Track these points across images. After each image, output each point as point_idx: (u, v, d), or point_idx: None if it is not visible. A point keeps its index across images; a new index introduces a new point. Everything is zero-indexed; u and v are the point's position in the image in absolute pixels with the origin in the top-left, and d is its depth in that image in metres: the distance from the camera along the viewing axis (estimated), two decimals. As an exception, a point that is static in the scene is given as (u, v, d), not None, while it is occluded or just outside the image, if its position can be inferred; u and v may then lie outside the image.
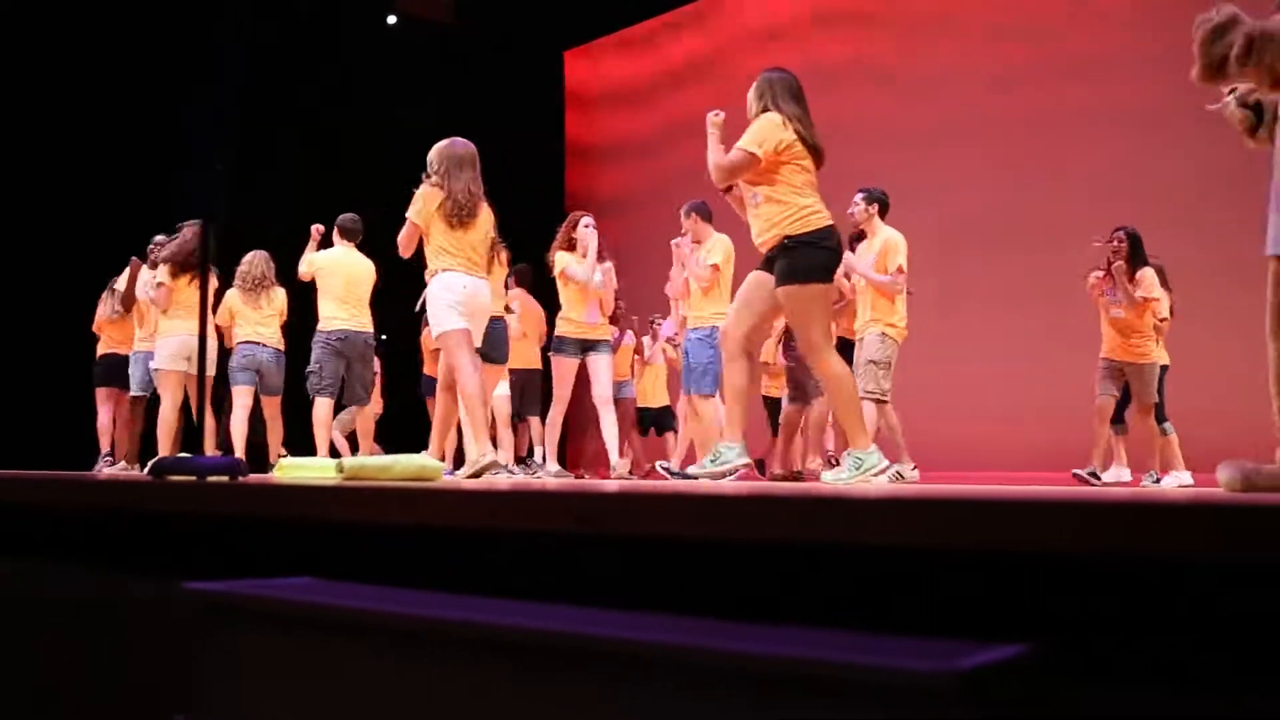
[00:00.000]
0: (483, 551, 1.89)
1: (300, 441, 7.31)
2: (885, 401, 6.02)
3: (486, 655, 1.38)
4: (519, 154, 10.91)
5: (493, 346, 6.11)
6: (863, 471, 4.12)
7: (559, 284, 6.69)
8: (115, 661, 2.46)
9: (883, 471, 4.16)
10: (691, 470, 4.49)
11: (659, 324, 9.25)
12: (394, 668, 1.49)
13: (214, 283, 7.26)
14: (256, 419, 7.26)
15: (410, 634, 1.47)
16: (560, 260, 6.61)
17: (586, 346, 6.67)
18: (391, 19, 11.89)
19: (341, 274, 6.92)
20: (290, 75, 10.63)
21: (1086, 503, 1.34)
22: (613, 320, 7.07)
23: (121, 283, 7.84)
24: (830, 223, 4.19)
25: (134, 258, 7.68)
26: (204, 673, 1.75)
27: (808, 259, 4.09)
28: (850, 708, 1.07)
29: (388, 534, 2.05)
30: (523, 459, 8.22)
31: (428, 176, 5.14)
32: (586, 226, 6.59)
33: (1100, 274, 6.77)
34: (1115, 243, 6.59)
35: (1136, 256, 6.56)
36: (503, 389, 7.20)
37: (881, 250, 6.11)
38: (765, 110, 4.27)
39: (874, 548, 1.41)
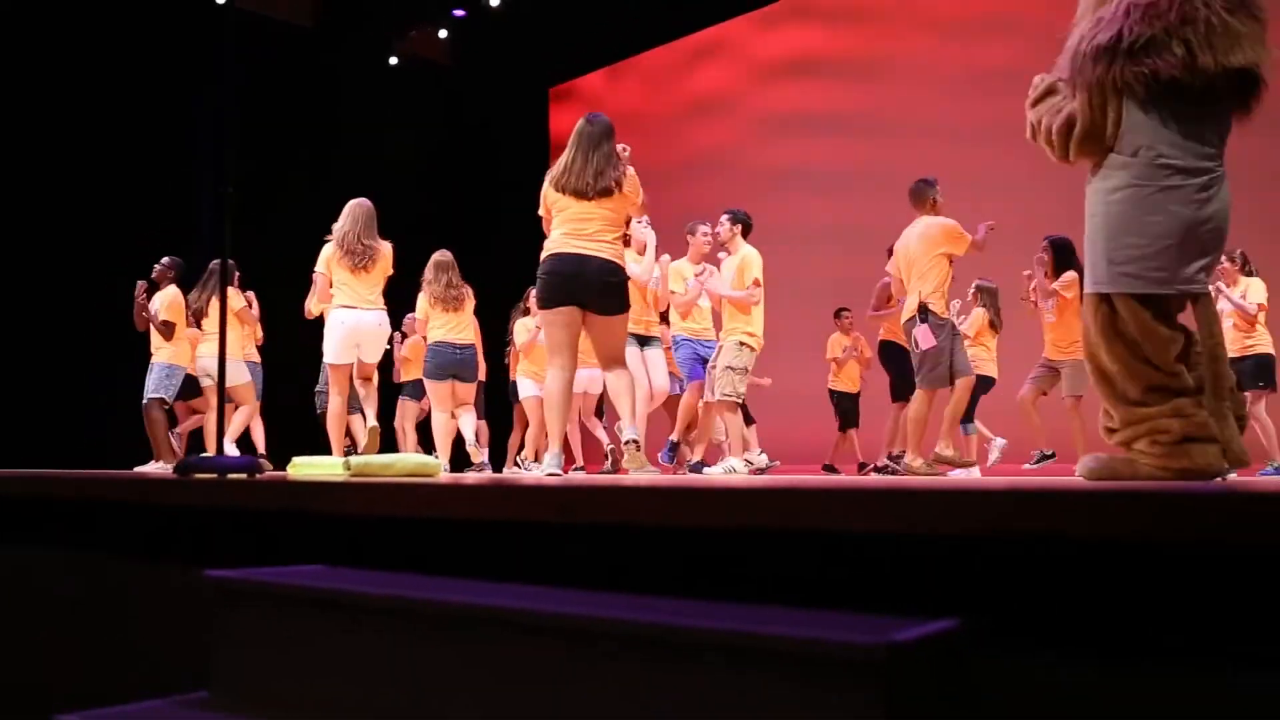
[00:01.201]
0: (476, 539, 1.92)
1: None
2: (740, 404, 6.22)
3: (480, 632, 1.41)
4: (507, 187, 10.85)
5: (464, 368, 6.85)
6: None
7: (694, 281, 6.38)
8: (145, 642, 2.48)
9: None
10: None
11: None
12: (397, 645, 1.52)
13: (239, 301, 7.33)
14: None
15: (412, 614, 1.51)
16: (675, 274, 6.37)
17: (643, 341, 6.32)
18: (393, 59, 11.87)
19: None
20: (291, 110, 10.55)
21: (1006, 491, 1.38)
22: (663, 319, 6.72)
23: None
24: (550, 252, 4.37)
25: (140, 281, 7.62)
26: (223, 652, 1.77)
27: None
28: (791, 678, 1.11)
29: (391, 525, 2.08)
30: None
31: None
32: (640, 223, 6.01)
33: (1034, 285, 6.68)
34: (1042, 254, 6.45)
35: (1062, 262, 6.34)
36: (467, 419, 7.02)
37: (739, 266, 6.17)
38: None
39: (814, 531, 1.45)
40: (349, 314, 5.84)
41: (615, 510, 1.67)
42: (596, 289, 4.29)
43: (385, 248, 5.99)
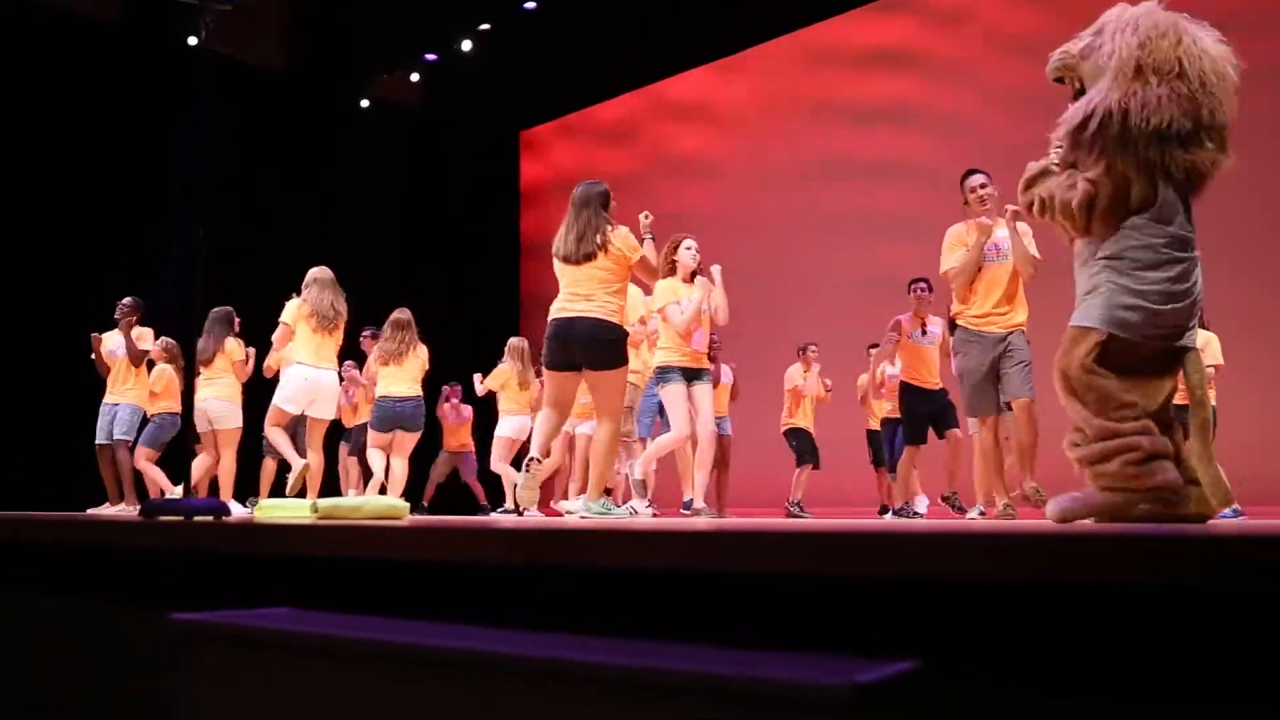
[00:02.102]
0: (443, 581, 1.90)
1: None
2: (628, 441, 6.12)
3: (447, 674, 1.39)
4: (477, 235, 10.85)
5: (407, 420, 7.12)
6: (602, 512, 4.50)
7: (658, 317, 5.73)
8: (106, 685, 2.42)
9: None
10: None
11: None
12: (364, 687, 1.49)
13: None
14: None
15: (379, 657, 1.48)
16: (661, 294, 5.60)
17: (691, 376, 5.65)
18: (365, 102, 11.87)
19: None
20: (261, 153, 10.48)
21: (963, 535, 1.39)
22: (710, 357, 6.23)
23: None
24: (550, 316, 4.56)
25: (95, 335, 7.60)
26: (186, 695, 1.73)
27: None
28: (757, 718, 1.11)
29: (358, 567, 2.05)
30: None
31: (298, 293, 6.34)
32: (689, 249, 5.66)
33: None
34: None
35: None
36: (399, 464, 7.21)
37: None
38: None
39: (778, 575, 1.45)
40: (310, 371, 6.26)
41: (577, 553, 1.66)
42: (585, 347, 4.44)
43: (345, 313, 6.50)
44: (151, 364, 7.61)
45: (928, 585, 1.33)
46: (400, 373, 7.08)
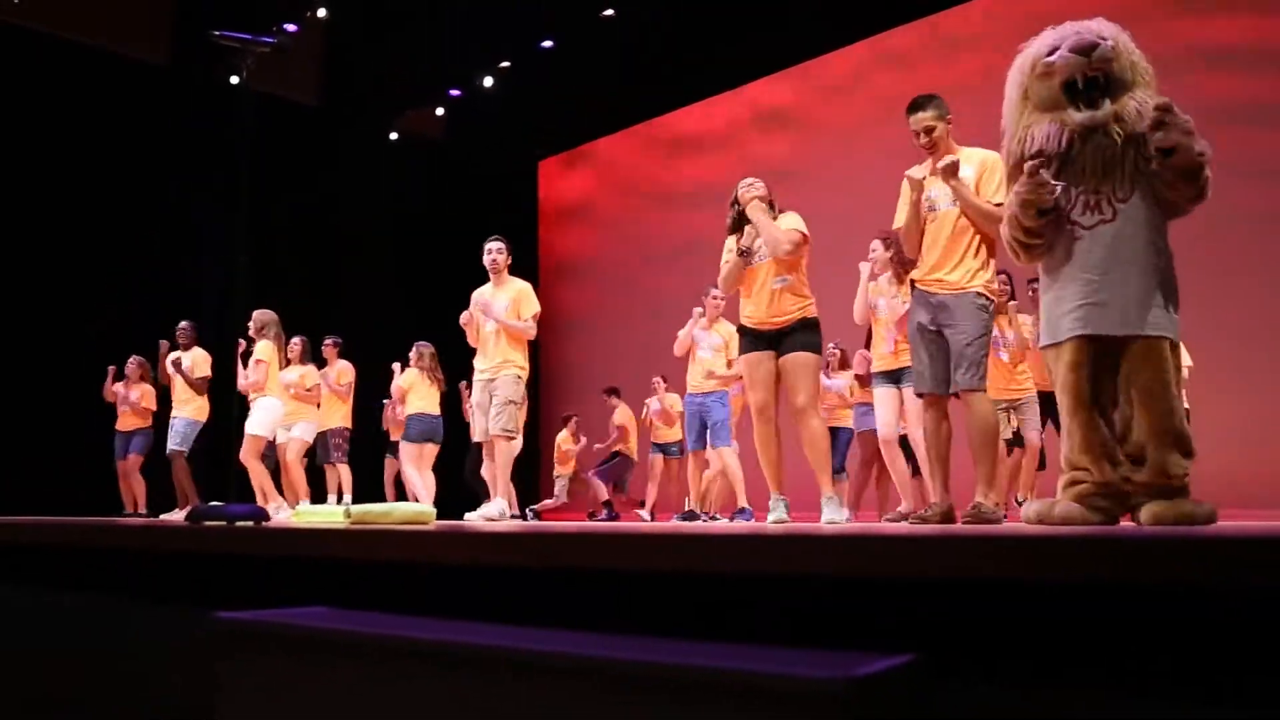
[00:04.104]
0: (468, 582, 1.91)
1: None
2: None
3: (473, 670, 1.40)
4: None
5: (434, 433, 7.51)
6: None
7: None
8: (156, 681, 2.44)
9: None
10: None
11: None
12: (394, 682, 1.50)
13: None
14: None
15: (408, 654, 1.49)
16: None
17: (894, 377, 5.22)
18: (394, 135, 11.99)
19: None
20: (296, 182, 10.57)
21: (959, 538, 1.40)
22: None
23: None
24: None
25: (163, 341, 7.84)
26: (229, 691, 1.75)
27: (817, 337, 4.13)
28: (759, 710, 1.11)
29: (389, 569, 2.07)
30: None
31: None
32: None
33: None
34: (999, 284, 5.73)
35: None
36: (428, 474, 7.53)
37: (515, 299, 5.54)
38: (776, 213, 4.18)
39: (780, 575, 1.46)
40: (282, 403, 6.99)
41: (593, 556, 1.67)
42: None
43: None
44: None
45: (925, 582, 1.34)
46: (433, 393, 7.61)
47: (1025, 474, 6.07)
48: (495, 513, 5.27)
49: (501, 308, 5.45)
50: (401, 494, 8.26)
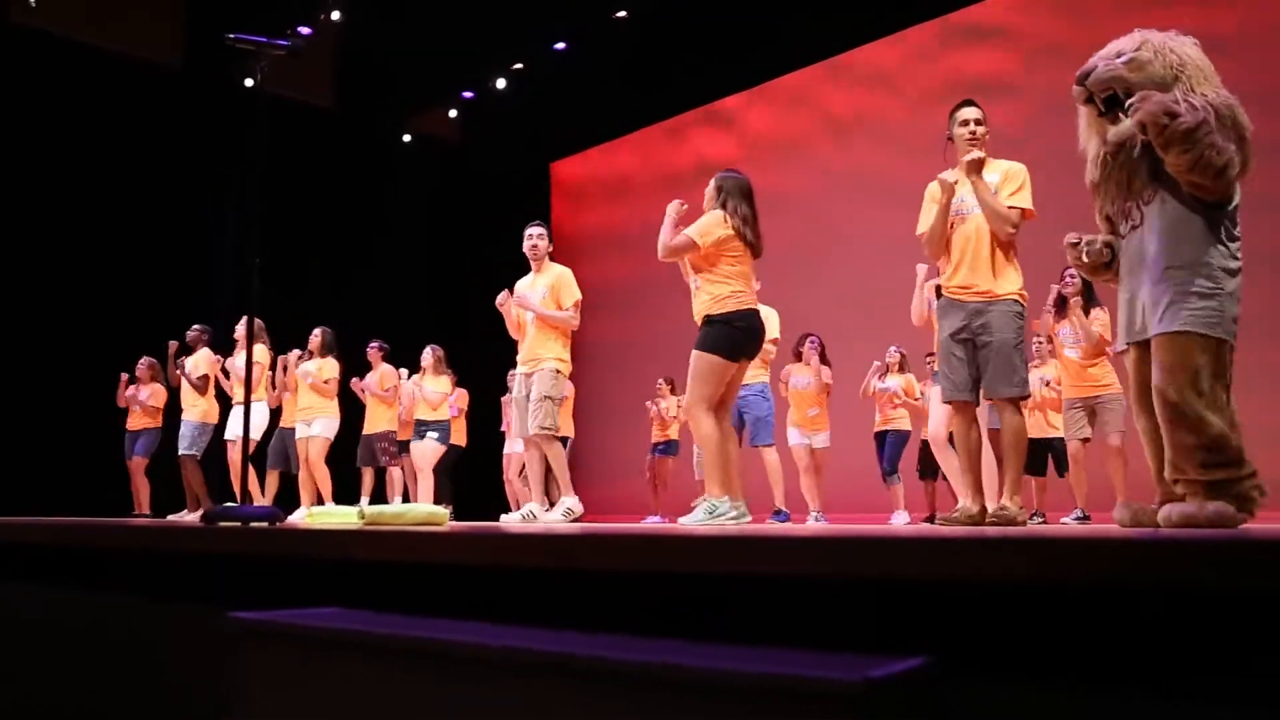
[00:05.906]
0: (481, 583, 1.91)
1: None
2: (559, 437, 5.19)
3: (487, 671, 1.40)
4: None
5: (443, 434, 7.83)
6: (715, 516, 3.74)
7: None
8: (171, 679, 2.44)
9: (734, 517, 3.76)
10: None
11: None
12: (406, 682, 1.50)
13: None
14: None
15: (419, 653, 1.49)
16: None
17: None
18: (407, 137, 12.03)
19: None
20: (310, 183, 10.62)
21: (983, 540, 1.39)
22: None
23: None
24: (749, 307, 3.98)
25: (172, 342, 7.91)
26: (242, 690, 1.75)
27: (717, 334, 3.92)
28: (772, 712, 1.11)
29: (401, 569, 2.07)
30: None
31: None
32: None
33: (1050, 314, 5.89)
34: (1068, 279, 5.68)
35: (1089, 297, 5.73)
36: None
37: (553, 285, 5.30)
38: (716, 208, 4.08)
39: (797, 577, 1.45)
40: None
41: (606, 557, 1.67)
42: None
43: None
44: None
45: (941, 584, 1.33)
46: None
47: (1115, 477, 5.71)
48: (560, 514, 4.91)
49: (539, 297, 5.15)
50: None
